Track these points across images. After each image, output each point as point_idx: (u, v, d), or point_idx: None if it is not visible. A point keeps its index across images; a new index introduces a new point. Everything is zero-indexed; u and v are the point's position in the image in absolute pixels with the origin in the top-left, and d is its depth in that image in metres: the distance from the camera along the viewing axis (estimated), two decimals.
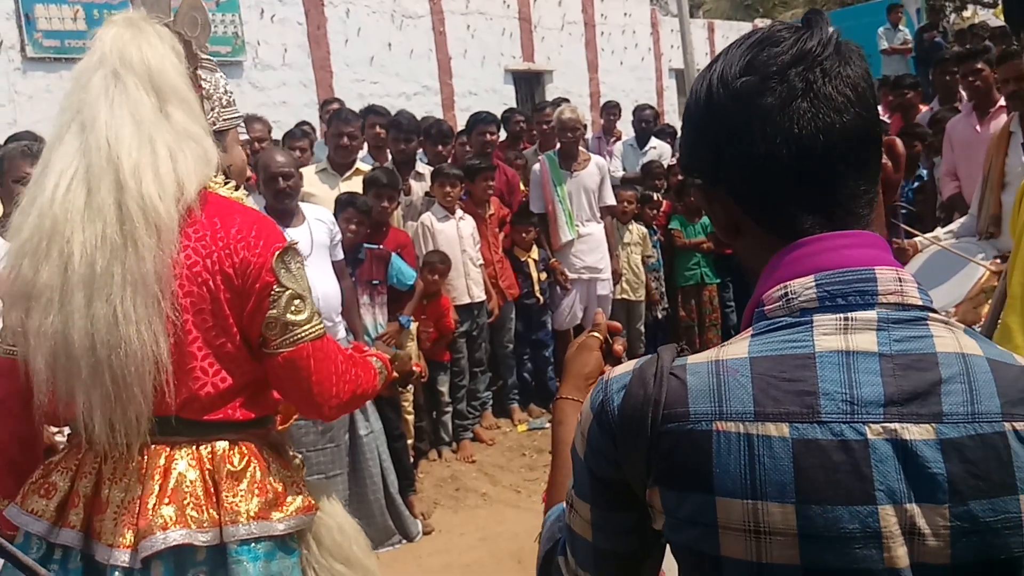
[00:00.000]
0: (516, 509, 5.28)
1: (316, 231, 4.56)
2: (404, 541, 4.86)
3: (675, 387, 1.00)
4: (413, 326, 5.43)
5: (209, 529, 1.94)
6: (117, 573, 1.90)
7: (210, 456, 2.00)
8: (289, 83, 11.11)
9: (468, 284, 6.02)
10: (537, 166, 6.78)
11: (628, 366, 1.08)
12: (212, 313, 1.96)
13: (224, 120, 2.17)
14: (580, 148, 6.85)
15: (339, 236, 4.73)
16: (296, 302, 2.00)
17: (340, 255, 4.74)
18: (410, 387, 5.47)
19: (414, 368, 2.52)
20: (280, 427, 2.26)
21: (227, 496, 1.96)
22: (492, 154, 6.76)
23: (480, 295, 6.10)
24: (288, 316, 1.99)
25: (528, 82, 14.35)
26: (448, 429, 6.04)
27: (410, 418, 5.56)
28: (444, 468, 5.86)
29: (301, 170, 5.32)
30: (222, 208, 2.01)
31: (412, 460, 5.50)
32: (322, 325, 2.07)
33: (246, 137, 2.03)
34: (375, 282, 5.13)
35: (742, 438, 0.95)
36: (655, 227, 7.44)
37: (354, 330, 4.84)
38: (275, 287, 1.98)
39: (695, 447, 0.97)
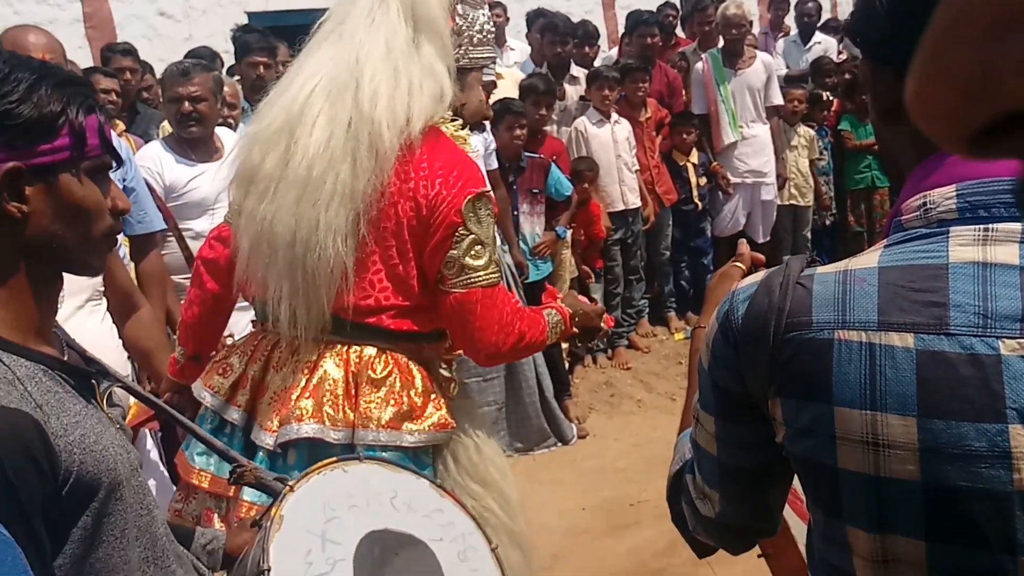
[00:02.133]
0: (671, 416, 5.28)
1: (471, 140, 4.58)
2: (559, 444, 4.97)
3: (800, 296, 0.98)
4: (568, 235, 5.43)
5: (342, 428, 2.06)
6: (261, 454, 2.07)
7: (357, 359, 2.10)
8: None
9: (623, 190, 5.94)
10: (699, 65, 6.53)
11: (756, 276, 1.06)
12: (395, 235, 2.05)
13: (469, 58, 2.18)
14: (745, 45, 6.55)
15: (492, 144, 4.75)
16: (477, 247, 2.04)
17: (494, 164, 4.76)
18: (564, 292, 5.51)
19: (602, 325, 2.46)
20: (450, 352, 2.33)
21: (364, 400, 2.06)
22: (653, 57, 6.56)
23: (635, 201, 6.01)
24: (467, 259, 2.04)
25: None
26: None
27: None
28: (599, 374, 5.91)
29: None
30: (436, 144, 2.07)
31: (567, 366, 5.57)
32: (498, 273, 2.09)
33: (491, 78, 2.02)
34: (535, 191, 5.13)
35: (864, 347, 0.92)
36: (825, 128, 7.08)
37: (507, 238, 4.88)
38: (460, 229, 2.03)
39: (815, 356, 0.95)
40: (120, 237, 2.61)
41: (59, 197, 1.23)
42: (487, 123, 4.82)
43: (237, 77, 6.09)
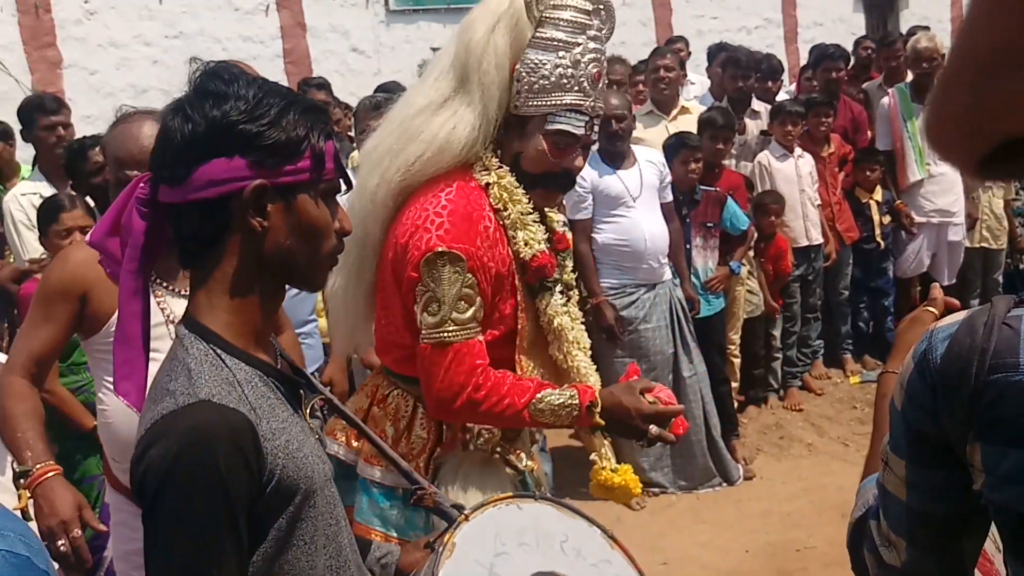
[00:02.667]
0: (843, 462, 5.08)
1: (646, 173, 4.61)
2: (724, 484, 4.87)
3: (1007, 336, 0.94)
4: (743, 271, 5.34)
5: (352, 453, 2.23)
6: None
7: (374, 390, 2.28)
8: (628, 23, 11.12)
9: (806, 226, 5.79)
10: (886, 100, 6.30)
11: (957, 316, 1.03)
12: (387, 271, 2.14)
13: (529, 106, 2.08)
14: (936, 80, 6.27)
15: (668, 177, 4.74)
16: (433, 305, 2.02)
17: (669, 197, 4.75)
18: (736, 331, 5.42)
19: (650, 429, 2.11)
20: None
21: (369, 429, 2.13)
22: (838, 91, 6.39)
23: (818, 237, 5.85)
24: (423, 314, 2.03)
25: (880, 8, 13.28)
26: (776, 376, 5.89)
27: (736, 362, 5.50)
28: (769, 415, 5.75)
29: None
30: (438, 191, 2.07)
31: (736, 405, 5.46)
32: (454, 332, 2.02)
33: (561, 126, 1.92)
34: (709, 224, 5.07)
35: None
36: None
37: (680, 273, 4.85)
38: (419, 284, 2.03)
39: (1022, 399, 0.91)
40: None
41: (296, 215, 1.33)
42: (660, 154, 4.82)
43: None
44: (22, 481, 2.19)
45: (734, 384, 5.44)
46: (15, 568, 0.58)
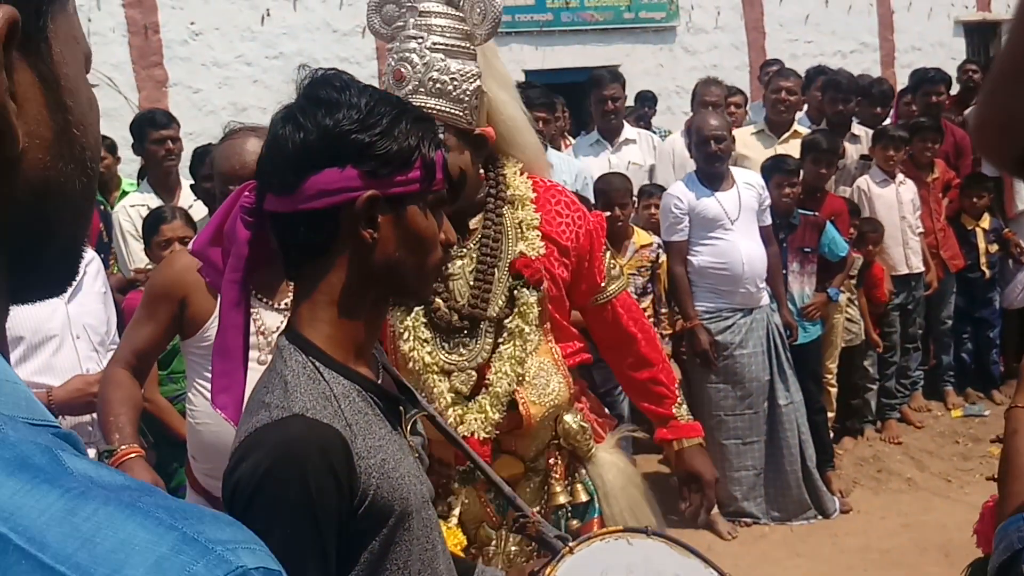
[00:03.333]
0: (945, 499, 4.88)
1: (745, 195, 4.53)
2: (819, 516, 4.72)
3: None
4: (842, 298, 5.19)
5: None
6: None
7: None
8: (721, 46, 11.05)
9: (906, 253, 5.60)
10: None
11: None
12: None
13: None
14: None
15: (768, 201, 4.65)
16: None
17: (768, 220, 4.66)
18: (833, 360, 5.26)
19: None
20: None
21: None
22: (939, 116, 6.22)
23: (919, 265, 5.66)
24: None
25: (983, 34, 12.91)
26: (872, 407, 5.71)
27: (832, 391, 5.34)
28: (866, 447, 5.56)
29: (737, 132, 5.30)
30: None
31: (832, 436, 5.30)
32: None
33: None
34: (807, 250, 4.95)
35: None
36: None
37: (778, 297, 4.74)
38: None
39: None
40: None
41: (406, 226, 1.30)
42: (759, 176, 4.73)
43: None
44: (105, 460, 2.22)
45: (830, 414, 5.28)
46: None
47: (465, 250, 2.07)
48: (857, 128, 6.00)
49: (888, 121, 6.35)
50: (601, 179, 4.80)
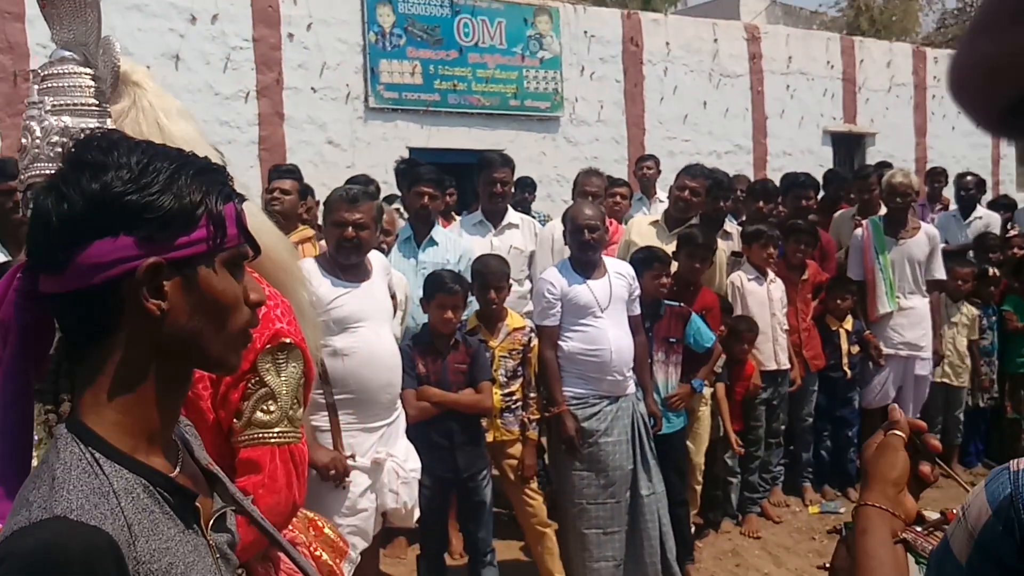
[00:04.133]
0: None
1: (615, 284, 4.55)
2: None
3: None
4: (706, 391, 5.25)
5: None
6: None
7: None
8: (602, 139, 11.34)
9: (775, 350, 5.72)
10: (859, 231, 6.36)
11: None
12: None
13: None
14: (909, 215, 6.36)
15: (637, 291, 4.69)
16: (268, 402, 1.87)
17: (637, 310, 4.69)
18: (700, 454, 5.27)
19: None
20: None
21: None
22: (807, 218, 6.46)
23: (785, 362, 5.79)
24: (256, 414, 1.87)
25: (848, 144, 13.69)
26: (732, 501, 5.74)
27: (698, 488, 5.34)
28: (726, 541, 5.57)
29: (635, 221, 5.36)
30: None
31: (693, 529, 5.29)
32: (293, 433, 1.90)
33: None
34: (672, 340, 5.00)
35: None
36: (992, 306, 6.74)
37: (644, 386, 4.74)
38: (253, 379, 1.86)
39: None
40: None
41: (199, 292, 1.18)
42: (630, 267, 4.77)
43: (396, 205, 6.33)
44: None
45: (693, 511, 5.27)
46: None
47: None
48: (729, 225, 6.17)
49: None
50: (479, 260, 4.75)
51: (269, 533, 1.48)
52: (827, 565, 1.40)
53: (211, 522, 1.26)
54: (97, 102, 1.75)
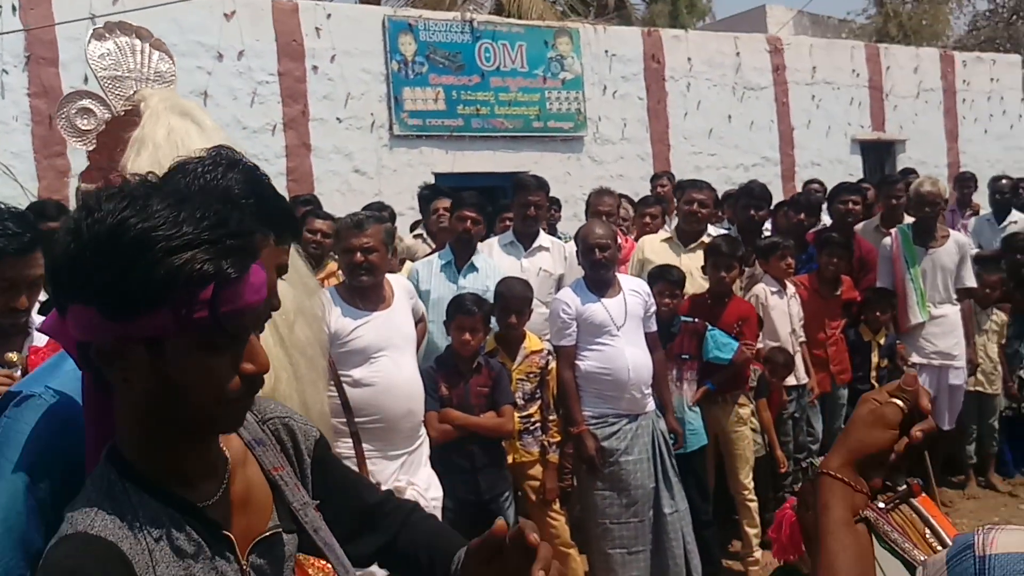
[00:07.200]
0: None
1: (631, 302, 4.57)
2: None
3: None
4: (744, 411, 5.17)
5: None
6: None
7: None
8: (627, 157, 11.35)
9: (796, 364, 5.68)
10: (888, 240, 6.27)
11: (1018, 544, 0.85)
12: None
13: None
14: (939, 223, 6.29)
15: (653, 308, 4.70)
16: None
17: (653, 327, 4.69)
18: (747, 475, 5.18)
19: None
20: None
21: None
22: (853, 225, 6.43)
23: (804, 377, 5.73)
24: None
25: (877, 152, 13.56)
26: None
27: (752, 505, 5.22)
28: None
29: (647, 238, 5.34)
30: None
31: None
32: None
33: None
34: (684, 356, 4.99)
35: None
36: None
37: (664, 403, 4.74)
38: None
39: None
40: None
41: (167, 372, 1.15)
42: (645, 284, 4.78)
43: (420, 231, 6.40)
44: None
45: (753, 531, 5.19)
46: None
47: None
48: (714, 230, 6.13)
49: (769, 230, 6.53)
50: (503, 283, 4.73)
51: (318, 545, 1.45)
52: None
53: (252, 545, 1.28)
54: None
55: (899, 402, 1.22)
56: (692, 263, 5.40)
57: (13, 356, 1.81)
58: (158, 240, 1.10)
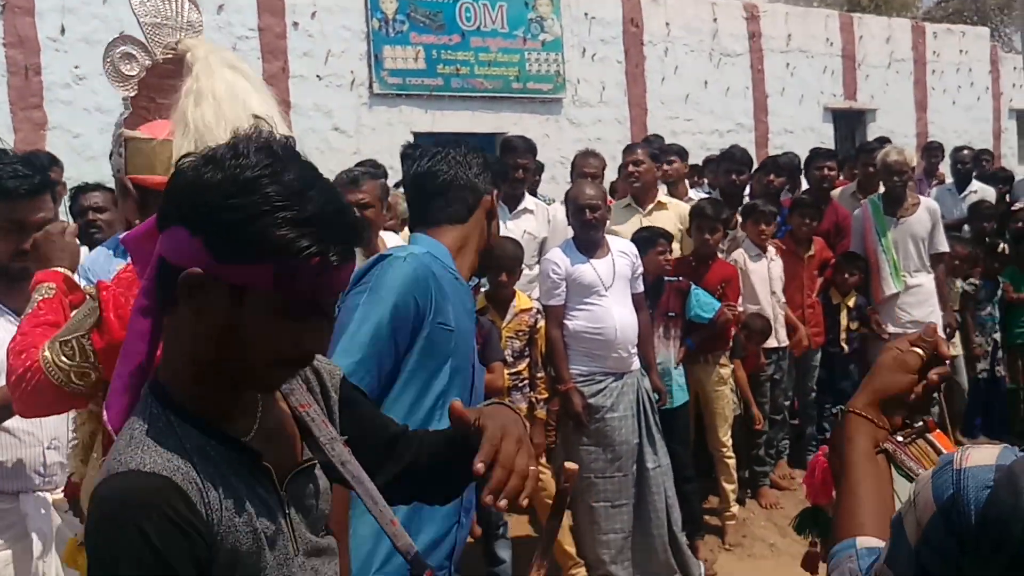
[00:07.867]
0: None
1: (619, 263, 4.66)
2: None
3: None
4: (724, 371, 5.31)
5: None
6: None
7: None
8: (605, 120, 11.43)
9: (775, 327, 5.80)
10: (859, 211, 6.37)
11: (988, 458, 0.93)
12: None
13: None
14: (908, 191, 6.41)
15: (640, 269, 4.80)
16: None
17: (640, 288, 4.80)
18: (726, 433, 5.35)
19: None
20: None
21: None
22: (829, 189, 6.54)
23: (785, 339, 5.88)
24: None
25: (848, 121, 13.76)
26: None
27: (731, 462, 5.39)
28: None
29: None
30: None
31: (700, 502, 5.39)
32: None
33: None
34: (671, 314, 5.12)
35: None
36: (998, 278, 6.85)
37: (648, 362, 4.85)
38: None
39: None
40: None
41: (236, 316, 1.21)
42: (632, 245, 4.87)
43: (401, 189, 6.40)
44: None
45: (730, 487, 5.37)
46: None
47: None
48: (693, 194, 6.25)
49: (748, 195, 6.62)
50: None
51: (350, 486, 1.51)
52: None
53: (289, 477, 1.34)
54: None
55: (919, 350, 1.36)
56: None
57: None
58: (288, 207, 1.17)
